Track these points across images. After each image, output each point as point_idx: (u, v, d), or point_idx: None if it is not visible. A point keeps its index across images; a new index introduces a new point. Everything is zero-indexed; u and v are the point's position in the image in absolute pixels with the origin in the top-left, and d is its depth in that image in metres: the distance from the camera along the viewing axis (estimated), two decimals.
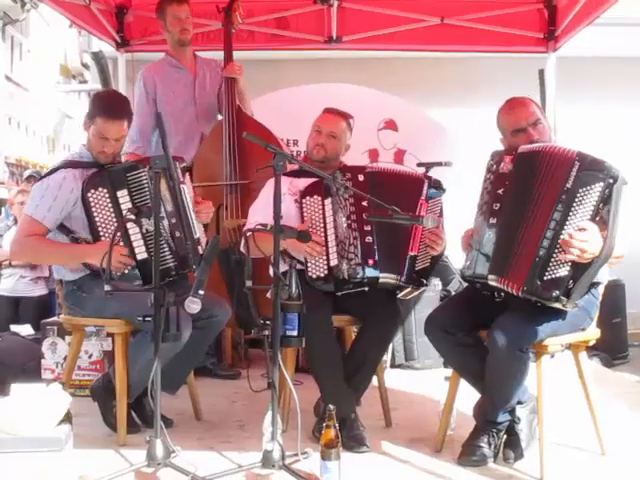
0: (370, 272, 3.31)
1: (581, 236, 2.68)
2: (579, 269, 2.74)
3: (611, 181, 2.71)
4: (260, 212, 3.47)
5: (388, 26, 5.51)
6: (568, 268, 2.74)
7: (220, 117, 4.72)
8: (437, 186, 3.50)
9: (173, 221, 3.30)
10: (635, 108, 7.13)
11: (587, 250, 2.67)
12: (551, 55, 5.50)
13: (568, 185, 2.76)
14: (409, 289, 3.43)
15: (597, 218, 2.72)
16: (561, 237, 2.73)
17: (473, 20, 5.41)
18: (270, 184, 3.52)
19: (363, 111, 5.83)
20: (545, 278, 2.76)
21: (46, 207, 3.27)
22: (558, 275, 2.75)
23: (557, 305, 2.77)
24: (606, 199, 2.72)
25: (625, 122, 7.09)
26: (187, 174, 3.54)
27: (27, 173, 8.51)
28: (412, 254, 3.37)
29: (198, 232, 3.44)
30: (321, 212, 3.39)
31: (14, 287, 6.01)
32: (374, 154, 5.95)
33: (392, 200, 3.09)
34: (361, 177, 3.40)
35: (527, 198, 2.89)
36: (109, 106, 3.38)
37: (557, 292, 2.74)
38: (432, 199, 3.46)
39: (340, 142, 3.59)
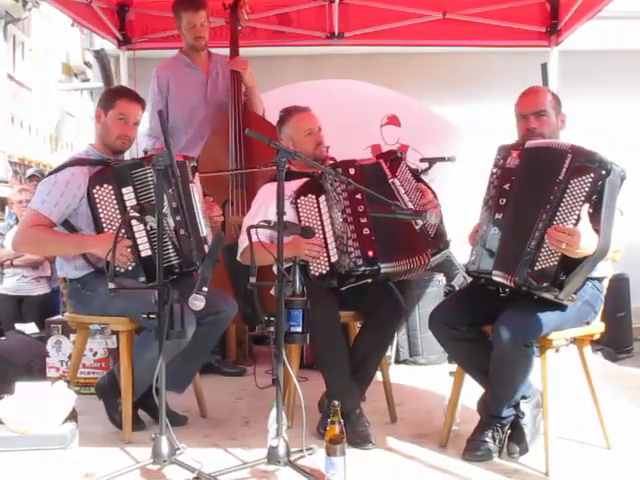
0: (370, 264, 3.30)
1: (568, 229, 2.69)
2: (570, 262, 2.74)
3: (603, 173, 2.72)
4: (257, 220, 3.45)
5: (390, 22, 5.51)
6: (558, 258, 2.75)
7: None
8: (392, 157, 3.54)
9: (178, 219, 3.29)
10: (638, 101, 7.12)
11: (573, 245, 2.67)
12: (553, 49, 5.49)
13: (560, 177, 2.78)
14: (439, 254, 3.46)
15: (590, 210, 2.73)
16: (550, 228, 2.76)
17: (475, 15, 5.41)
18: (263, 191, 3.54)
19: (365, 107, 5.85)
20: (535, 268, 2.78)
21: (53, 202, 3.27)
22: (547, 265, 2.77)
23: (548, 295, 2.78)
24: (599, 191, 2.72)
25: (628, 115, 7.09)
26: (197, 174, 3.54)
27: (30, 172, 8.52)
28: (418, 227, 3.39)
29: (205, 231, 3.44)
30: (317, 210, 3.39)
31: (17, 286, 6.03)
32: (377, 149, 5.93)
33: (376, 191, 3.14)
34: (352, 171, 3.39)
35: (533, 194, 2.88)
36: (127, 91, 3.57)
37: (547, 283, 2.76)
38: (397, 170, 3.49)
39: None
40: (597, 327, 3.11)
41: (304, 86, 5.93)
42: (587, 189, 2.73)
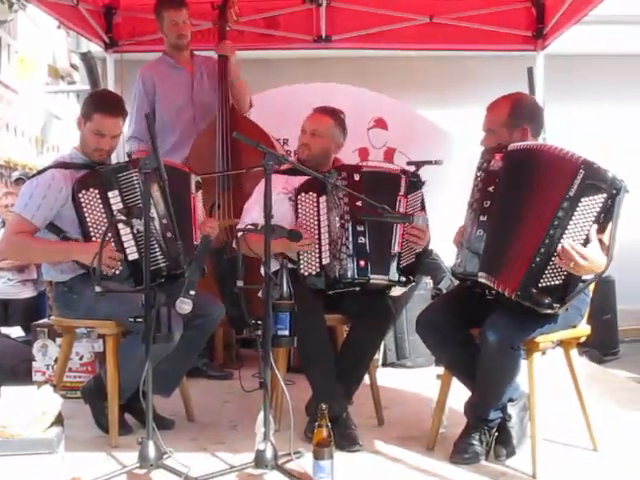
0: (361, 273, 3.31)
1: (580, 251, 2.66)
2: (575, 279, 2.75)
3: (614, 192, 2.70)
4: (255, 209, 3.47)
5: (377, 25, 5.52)
6: (563, 277, 2.75)
7: None
8: (416, 180, 3.50)
9: (164, 222, 3.29)
10: (624, 105, 7.18)
11: (583, 267, 2.67)
12: (539, 53, 5.51)
13: (571, 193, 2.73)
14: (396, 287, 3.43)
15: (597, 228, 2.72)
16: (559, 245, 2.72)
17: (462, 19, 5.42)
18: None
19: (353, 110, 5.81)
20: (540, 285, 2.76)
21: (35, 206, 3.25)
22: (553, 283, 2.75)
23: (549, 311, 2.78)
24: (608, 209, 2.71)
25: (614, 119, 7.13)
26: (200, 191, 3.56)
27: (15, 175, 8.46)
28: (395, 252, 3.37)
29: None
30: (316, 209, 3.39)
31: (2, 289, 5.99)
32: (364, 153, 5.95)
33: (374, 198, 3.11)
34: (357, 176, 3.39)
35: (519, 197, 2.89)
36: (107, 103, 3.43)
37: (550, 299, 2.75)
38: (412, 194, 3.45)
39: (325, 139, 3.57)
40: (583, 330, 3.13)
41: (291, 89, 5.93)
42: (598, 209, 2.71)
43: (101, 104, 3.40)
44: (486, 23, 5.42)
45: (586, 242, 2.71)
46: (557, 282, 2.75)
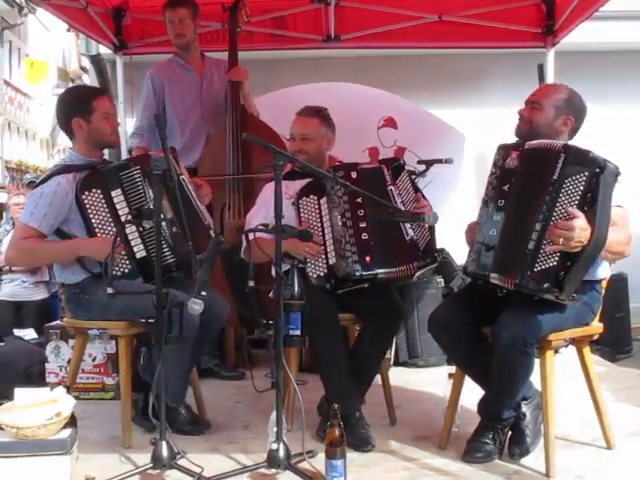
0: (367, 269, 3.29)
1: (566, 224, 2.69)
2: (569, 259, 2.74)
3: (597, 170, 2.72)
4: (259, 217, 3.48)
5: (386, 24, 5.50)
6: (557, 259, 2.75)
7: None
8: (395, 165, 3.51)
9: (169, 216, 3.28)
10: (635, 102, 7.13)
11: (573, 238, 2.68)
12: (550, 50, 5.49)
13: (554, 177, 2.78)
14: (425, 269, 3.44)
15: (585, 208, 2.73)
16: (549, 228, 2.75)
17: (471, 16, 5.40)
18: (267, 189, 3.55)
19: (362, 109, 5.86)
20: (535, 270, 2.77)
21: (41, 214, 3.25)
22: (547, 266, 2.76)
23: (549, 296, 2.78)
24: (593, 189, 2.72)
25: (625, 116, 7.09)
26: (182, 164, 3.57)
27: (27, 178, 8.51)
28: (409, 238, 3.37)
29: (208, 218, 3.48)
30: (318, 212, 3.39)
31: (15, 292, 6.02)
32: (374, 152, 5.94)
33: (374, 195, 3.13)
34: (354, 174, 3.39)
35: (531, 195, 2.88)
36: (93, 88, 3.59)
37: (547, 284, 2.75)
38: (399, 179, 3.47)
39: (316, 141, 3.57)
40: (596, 327, 3.11)
41: (301, 89, 5.93)
42: (582, 187, 2.73)
43: (91, 92, 3.51)
44: (495, 20, 5.39)
45: (571, 218, 2.71)
46: (551, 264, 2.75)
